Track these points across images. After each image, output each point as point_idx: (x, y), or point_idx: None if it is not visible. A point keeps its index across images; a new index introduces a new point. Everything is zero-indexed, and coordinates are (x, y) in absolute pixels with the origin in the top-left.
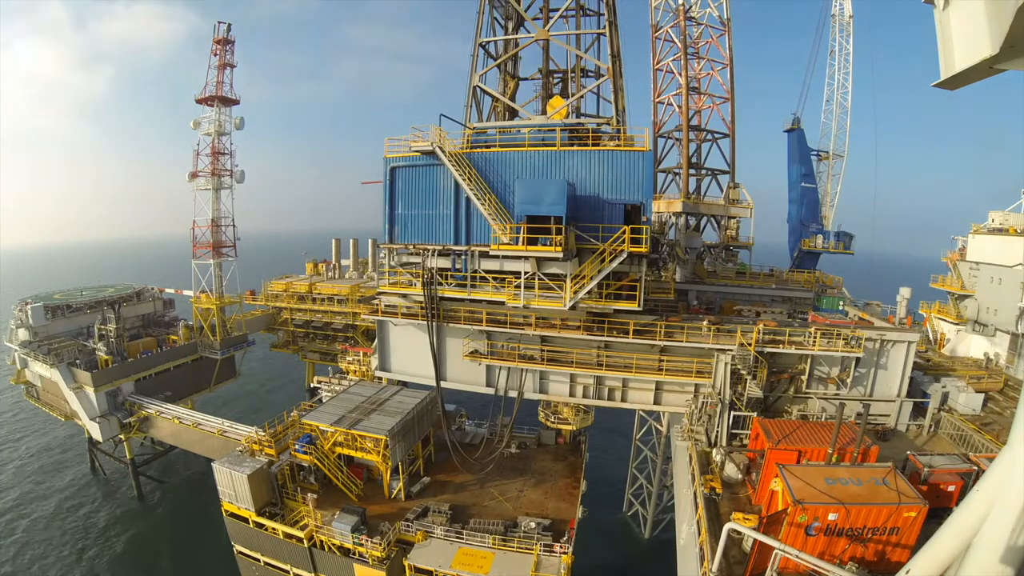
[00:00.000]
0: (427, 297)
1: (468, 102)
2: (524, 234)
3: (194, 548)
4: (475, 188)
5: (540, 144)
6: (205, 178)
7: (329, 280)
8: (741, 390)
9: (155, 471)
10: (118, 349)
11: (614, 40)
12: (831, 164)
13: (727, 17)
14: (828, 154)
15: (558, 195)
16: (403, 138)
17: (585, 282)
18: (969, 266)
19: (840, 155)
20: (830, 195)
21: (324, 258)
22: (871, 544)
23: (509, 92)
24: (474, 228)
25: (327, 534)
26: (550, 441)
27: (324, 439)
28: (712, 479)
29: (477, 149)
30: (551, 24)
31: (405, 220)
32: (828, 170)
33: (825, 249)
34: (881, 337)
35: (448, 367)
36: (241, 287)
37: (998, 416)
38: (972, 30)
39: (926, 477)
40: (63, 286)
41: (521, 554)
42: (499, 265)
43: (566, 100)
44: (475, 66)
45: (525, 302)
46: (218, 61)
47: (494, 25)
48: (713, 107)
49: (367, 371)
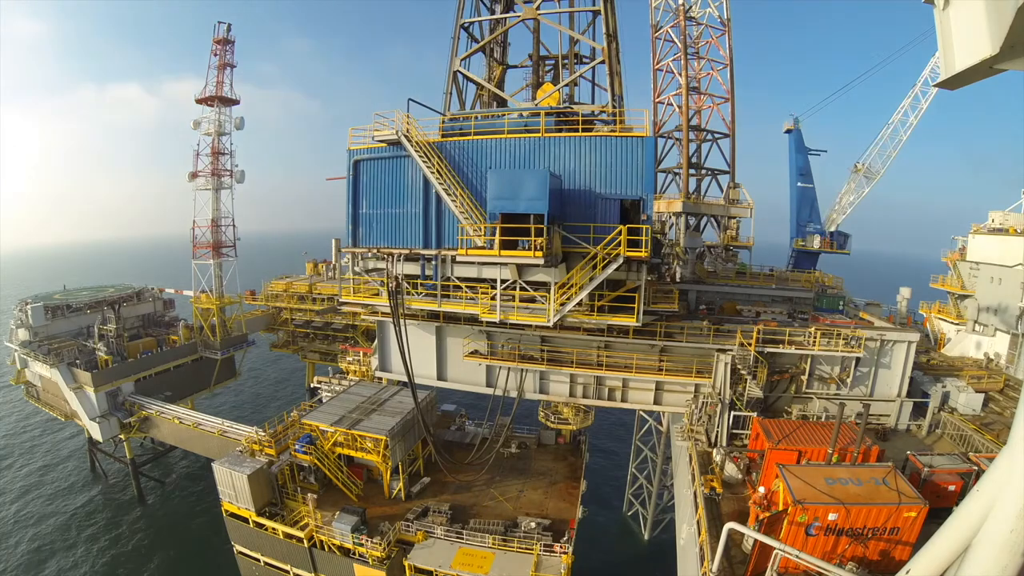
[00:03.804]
0: (392, 308)
1: (448, 88)
2: (498, 236)
3: (194, 548)
4: (445, 182)
5: (522, 130)
6: (205, 178)
7: (329, 280)
8: (741, 390)
9: (155, 471)
10: (118, 349)
11: (610, 19)
12: (858, 176)
13: (727, 17)
14: (862, 166)
15: (539, 188)
16: (368, 127)
17: (573, 293)
18: (969, 266)
19: (875, 173)
20: (843, 203)
21: (324, 258)
22: (871, 544)
23: (495, 79)
24: (445, 229)
25: (327, 534)
26: (550, 441)
27: (324, 439)
28: (712, 479)
29: (451, 138)
30: (541, 1)
31: (370, 220)
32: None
33: (820, 249)
34: (881, 337)
35: (448, 367)
36: (241, 287)
37: (998, 416)
38: (972, 30)
39: (926, 477)
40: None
41: (521, 554)
42: (477, 272)
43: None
44: (455, 49)
45: (502, 316)
46: (218, 61)
47: (479, 5)
48: (713, 107)
49: (367, 371)
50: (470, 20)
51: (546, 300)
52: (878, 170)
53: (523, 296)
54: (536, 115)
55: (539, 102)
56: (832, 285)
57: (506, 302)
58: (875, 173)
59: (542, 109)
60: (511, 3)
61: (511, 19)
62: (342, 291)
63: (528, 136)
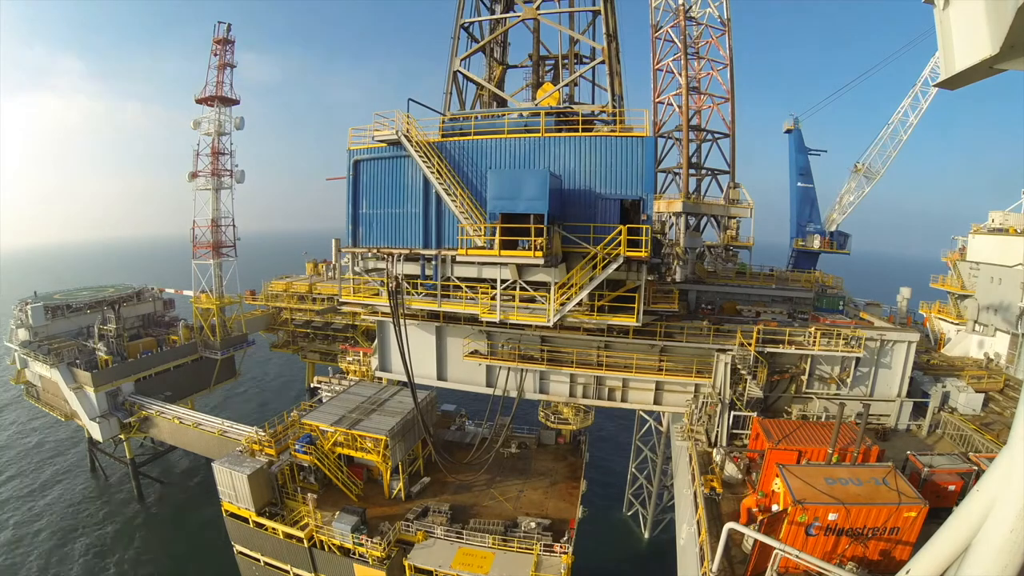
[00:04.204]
0: (392, 308)
1: (448, 88)
2: (499, 236)
3: (194, 548)
4: (445, 182)
5: (522, 130)
6: (205, 178)
7: (329, 280)
8: (741, 390)
9: (155, 471)
10: (118, 349)
11: (610, 19)
12: (858, 176)
13: (727, 17)
14: (862, 166)
15: (539, 188)
16: (368, 127)
17: (573, 293)
18: (969, 266)
19: (875, 173)
20: (844, 202)
21: (324, 258)
22: (871, 544)
23: (495, 79)
24: (445, 229)
25: (327, 534)
26: (550, 441)
27: (324, 439)
28: (712, 479)
29: (451, 138)
30: (541, 1)
31: (370, 220)
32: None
33: (820, 249)
34: (881, 337)
35: (448, 367)
36: (241, 287)
37: (998, 416)
38: (972, 30)
39: (926, 477)
40: (63, 286)
41: (521, 554)
42: (477, 272)
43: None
44: (455, 49)
45: (502, 316)
46: (218, 61)
47: (479, 5)
48: (713, 107)
49: (367, 371)
50: (470, 20)
51: (546, 300)
52: (878, 170)
53: (523, 296)
54: (536, 115)
55: (539, 102)
56: (832, 285)
57: (506, 302)
58: (875, 173)
59: (542, 109)
60: (511, 3)
61: (511, 19)
62: (342, 291)
63: (528, 136)
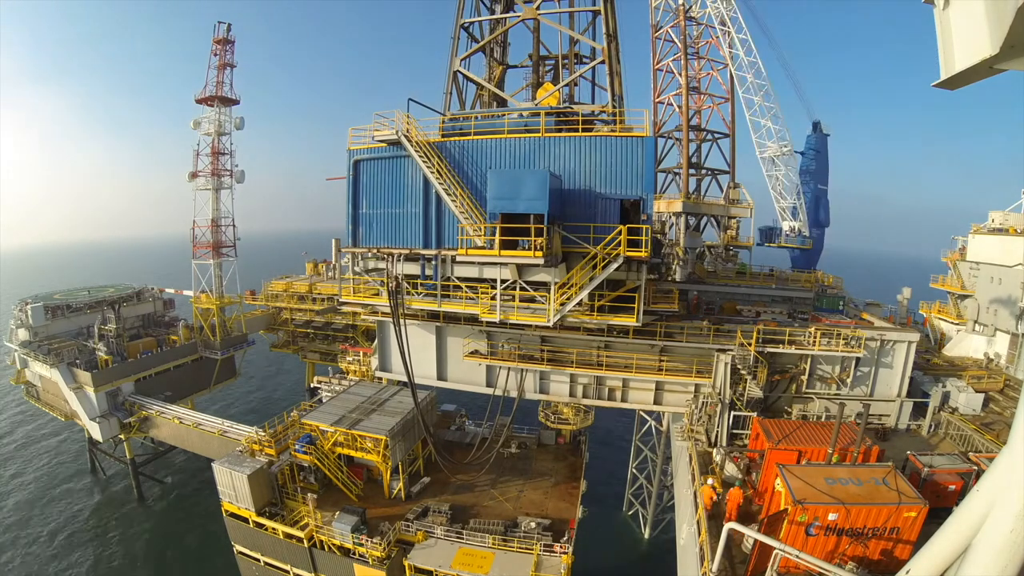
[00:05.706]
0: (392, 308)
1: (448, 88)
2: (499, 236)
3: (194, 548)
4: (445, 182)
5: (522, 130)
6: (205, 178)
7: (329, 280)
8: (741, 390)
9: (155, 471)
10: (118, 349)
11: (610, 19)
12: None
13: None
14: None
15: (539, 188)
16: (368, 127)
17: (573, 293)
18: (969, 266)
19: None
20: None
21: (324, 258)
22: (871, 544)
23: (495, 79)
24: (445, 229)
25: (327, 534)
26: (550, 441)
27: (324, 439)
28: (712, 494)
29: (451, 138)
30: (541, 1)
31: (370, 220)
32: None
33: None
34: (881, 337)
35: (448, 367)
36: (241, 287)
37: (998, 416)
38: (972, 30)
39: (926, 477)
40: (63, 286)
41: (521, 554)
42: (478, 272)
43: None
44: (455, 49)
45: (502, 316)
46: (218, 61)
47: (479, 5)
48: (713, 107)
49: (367, 371)
50: (470, 20)
51: (546, 300)
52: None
53: (523, 296)
54: (536, 115)
55: (539, 102)
56: (832, 285)
57: (506, 302)
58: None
59: (542, 109)
60: (511, 3)
61: (511, 19)
62: (342, 291)
63: (528, 136)
